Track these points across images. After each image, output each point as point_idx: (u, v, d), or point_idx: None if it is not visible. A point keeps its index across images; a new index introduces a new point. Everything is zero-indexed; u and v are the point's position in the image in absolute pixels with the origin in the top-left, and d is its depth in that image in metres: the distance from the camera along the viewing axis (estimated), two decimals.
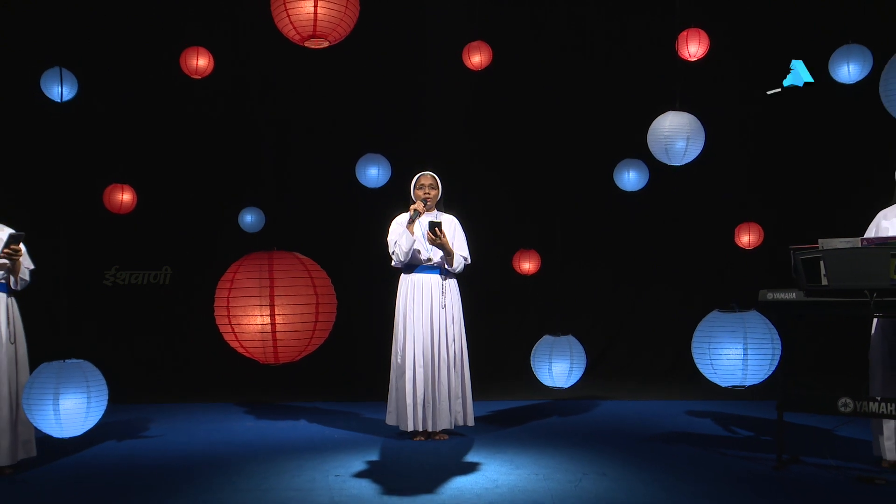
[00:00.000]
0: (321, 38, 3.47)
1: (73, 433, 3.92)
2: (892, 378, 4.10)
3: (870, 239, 3.91)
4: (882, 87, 3.99)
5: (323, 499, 3.71)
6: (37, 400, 3.83)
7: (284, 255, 3.81)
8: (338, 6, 3.46)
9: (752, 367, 3.85)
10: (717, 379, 4.06)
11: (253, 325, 3.58)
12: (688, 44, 6.30)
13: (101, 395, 3.96)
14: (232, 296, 3.63)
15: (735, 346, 3.88)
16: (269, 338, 3.53)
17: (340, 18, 3.44)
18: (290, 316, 3.60)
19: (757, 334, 3.90)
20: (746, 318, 4.00)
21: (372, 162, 6.90)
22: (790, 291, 4.09)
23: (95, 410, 3.93)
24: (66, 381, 3.83)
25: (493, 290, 7.80)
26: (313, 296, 3.68)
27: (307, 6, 3.36)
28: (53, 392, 3.80)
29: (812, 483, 3.91)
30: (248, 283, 3.66)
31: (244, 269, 3.76)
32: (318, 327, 3.64)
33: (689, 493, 3.74)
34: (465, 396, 5.05)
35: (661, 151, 4.82)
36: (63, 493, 3.91)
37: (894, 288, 3.76)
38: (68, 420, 3.84)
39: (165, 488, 3.94)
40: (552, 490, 3.82)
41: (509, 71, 7.65)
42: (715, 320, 4.10)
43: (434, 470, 4.24)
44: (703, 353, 4.00)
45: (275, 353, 3.54)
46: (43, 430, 3.94)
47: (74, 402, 3.82)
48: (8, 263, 4.19)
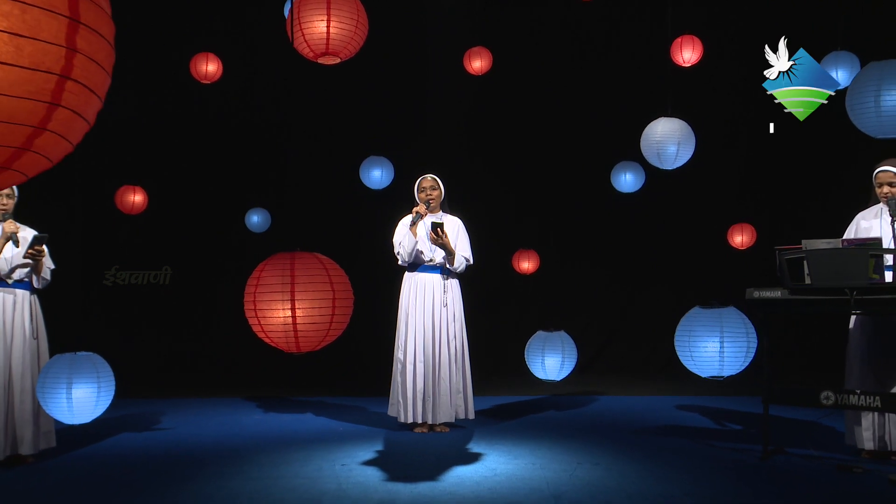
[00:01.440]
0: (333, 55, 3.70)
1: (83, 420, 4.18)
2: (868, 372, 4.30)
3: (850, 240, 4.12)
4: (848, 101, 4.22)
5: (330, 485, 3.92)
6: (51, 389, 4.09)
7: (305, 255, 4.14)
8: (349, 25, 3.70)
9: (728, 359, 4.07)
10: (697, 370, 4.28)
11: (276, 318, 3.90)
12: (682, 50, 6.52)
13: (109, 385, 4.23)
14: (258, 292, 3.95)
15: (712, 340, 4.11)
16: (290, 329, 3.84)
17: (351, 37, 3.67)
18: (309, 310, 3.93)
19: (732, 329, 4.13)
20: (723, 314, 4.22)
21: (375, 164, 7.12)
22: (775, 290, 4.30)
23: (104, 399, 4.19)
24: (77, 372, 4.10)
25: (494, 288, 8.01)
26: (330, 292, 4.00)
27: (320, 25, 3.60)
28: (66, 382, 4.07)
29: (795, 472, 4.12)
30: (272, 280, 3.98)
31: (269, 267, 4.09)
32: (334, 320, 3.98)
33: (678, 481, 3.94)
34: (466, 391, 5.27)
35: (653, 156, 5.04)
36: (83, 480, 4.13)
37: (873, 286, 3.97)
38: (79, 408, 4.11)
39: (180, 475, 4.15)
40: (548, 478, 4.02)
41: (509, 75, 7.85)
42: (695, 316, 4.33)
43: (435, 459, 4.45)
44: (684, 345, 4.22)
45: (297, 343, 3.87)
46: (55, 416, 4.19)
47: (85, 391, 4.10)
48: (31, 263, 4.41)
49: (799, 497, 3.70)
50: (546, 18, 8.19)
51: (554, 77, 8.00)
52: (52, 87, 1.47)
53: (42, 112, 1.48)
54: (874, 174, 4.39)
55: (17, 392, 4.34)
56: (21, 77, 1.42)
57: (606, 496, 3.68)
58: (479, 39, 7.15)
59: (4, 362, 4.31)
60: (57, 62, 1.45)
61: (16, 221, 4.40)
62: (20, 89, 1.43)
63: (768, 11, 7.46)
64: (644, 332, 8.14)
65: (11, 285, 4.40)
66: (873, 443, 4.29)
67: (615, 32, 8.23)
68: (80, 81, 1.52)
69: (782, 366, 7.68)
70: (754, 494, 3.73)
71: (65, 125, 1.55)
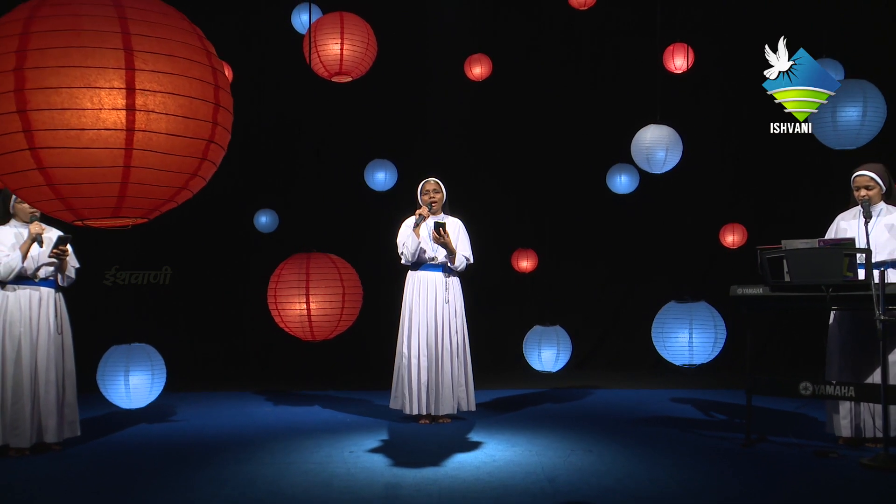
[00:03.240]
0: (346, 74, 4.00)
1: (139, 404, 4.61)
2: (846, 364, 4.57)
3: (826, 240, 4.39)
4: (810, 115, 4.51)
5: (340, 470, 4.19)
6: (110, 377, 4.46)
7: (319, 256, 4.63)
8: (360, 47, 4.03)
9: (696, 349, 4.38)
10: (670, 358, 4.58)
11: (294, 310, 4.31)
12: (674, 57, 6.78)
13: (161, 373, 4.65)
14: (278, 287, 4.38)
15: (683, 331, 4.41)
16: (306, 321, 4.21)
17: (362, 57, 4.00)
18: (322, 303, 4.38)
19: (701, 321, 4.44)
20: (693, 308, 4.51)
21: (379, 167, 7.40)
22: (757, 287, 4.57)
23: (157, 386, 4.59)
24: (134, 361, 4.51)
25: (494, 286, 8.28)
26: (340, 287, 4.45)
27: (334, 48, 3.92)
28: (124, 370, 4.46)
29: (775, 458, 4.39)
30: (290, 277, 4.42)
31: (288, 266, 4.53)
32: (344, 313, 4.50)
33: (665, 465, 4.21)
34: (468, 384, 5.54)
35: (643, 160, 5.31)
36: (106, 466, 4.40)
37: (847, 283, 4.24)
38: (136, 393, 4.53)
39: (197, 462, 4.42)
40: (543, 464, 4.29)
41: (508, 81, 8.12)
42: (669, 309, 4.63)
43: (438, 447, 4.72)
44: (659, 336, 4.52)
45: (312, 333, 4.24)
46: (114, 402, 4.56)
47: (141, 378, 4.50)
48: (56, 262, 4.69)
49: (778, 480, 3.96)
50: (544, 27, 8.46)
51: (551, 83, 8.26)
52: (203, 148, 2.21)
53: (196, 164, 2.22)
54: (852, 178, 4.67)
55: (42, 384, 4.61)
56: (186, 143, 2.15)
57: (598, 480, 3.94)
58: (480, 47, 7.41)
59: (31, 356, 4.58)
60: (206, 132, 2.19)
61: (42, 223, 4.67)
62: (184, 151, 2.16)
63: (755, 19, 7.72)
64: (638, 328, 8.38)
65: (38, 283, 4.67)
66: (850, 430, 4.56)
67: (609, 41, 8.50)
68: (217, 143, 2.28)
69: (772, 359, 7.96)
70: (737, 478, 3.99)
71: (206, 171, 2.33)
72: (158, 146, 2.03)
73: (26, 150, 1.90)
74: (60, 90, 1.85)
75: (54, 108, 1.86)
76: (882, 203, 4.62)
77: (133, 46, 1.91)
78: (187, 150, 2.11)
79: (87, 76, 1.87)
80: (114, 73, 1.89)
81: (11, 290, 4.60)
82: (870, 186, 4.59)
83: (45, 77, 1.86)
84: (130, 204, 2.08)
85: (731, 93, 8.06)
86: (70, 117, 1.86)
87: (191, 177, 2.22)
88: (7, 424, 4.49)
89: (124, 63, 1.89)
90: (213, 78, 2.15)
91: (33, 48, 1.87)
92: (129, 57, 1.90)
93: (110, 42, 1.90)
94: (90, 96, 1.87)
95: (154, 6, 2.06)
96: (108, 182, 1.98)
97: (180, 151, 2.09)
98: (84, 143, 1.89)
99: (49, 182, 1.96)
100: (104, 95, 1.89)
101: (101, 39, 1.90)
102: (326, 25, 4.05)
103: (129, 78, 1.89)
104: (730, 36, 8.01)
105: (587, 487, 3.81)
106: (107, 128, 1.89)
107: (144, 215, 2.19)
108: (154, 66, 1.95)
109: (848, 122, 4.42)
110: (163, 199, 2.20)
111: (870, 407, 4.48)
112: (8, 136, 1.91)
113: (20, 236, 4.64)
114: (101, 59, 1.88)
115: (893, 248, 4.51)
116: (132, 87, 1.90)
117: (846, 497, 3.69)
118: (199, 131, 2.11)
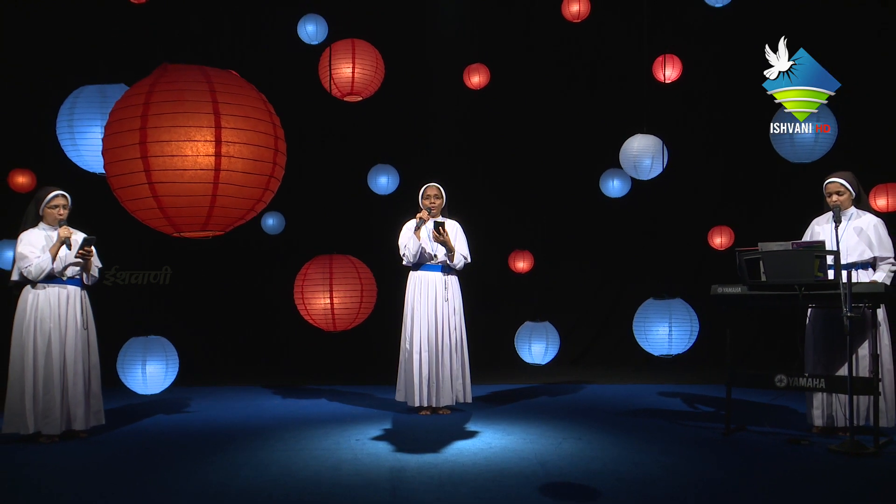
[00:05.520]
0: (357, 94, 4.38)
1: (154, 391, 5.07)
2: (819, 358, 4.91)
3: (799, 242, 4.72)
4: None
5: (347, 455, 4.51)
6: (129, 366, 4.87)
7: (341, 257, 5.22)
8: (370, 70, 4.48)
9: (675, 341, 4.73)
10: (650, 349, 4.93)
11: (318, 304, 4.78)
12: (663, 68, 7.11)
13: (174, 363, 5.12)
14: (305, 284, 4.84)
15: (663, 325, 4.76)
16: (329, 313, 4.64)
17: (372, 79, 4.43)
18: (343, 298, 4.99)
19: (679, 316, 4.79)
20: (672, 304, 4.86)
21: (382, 171, 7.73)
22: (736, 286, 4.91)
23: (171, 375, 5.02)
24: (150, 352, 4.94)
25: (491, 286, 8.59)
26: (359, 284, 5.07)
27: (346, 71, 4.34)
28: (142, 360, 4.88)
29: (752, 445, 4.72)
30: (315, 275, 4.96)
31: (313, 266, 5.12)
32: (362, 306, 5.18)
33: (650, 452, 4.54)
34: (465, 377, 5.87)
35: (630, 168, 5.65)
36: (130, 452, 4.73)
37: (818, 283, 4.57)
38: (152, 381, 4.96)
39: (213, 448, 4.74)
40: (536, 450, 4.61)
41: (506, 90, 8.45)
42: (649, 305, 5.00)
43: (438, 435, 5.05)
44: (640, 330, 4.87)
45: (334, 324, 4.66)
46: (132, 388, 5.00)
47: (157, 367, 4.92)
48: (82, 262, 5.02)
49: (754, 465, 4.29)
50: (540, 37, 8.79)
51: (547, 91, 8.60)
52: (266, 181, 3.02)
53: (260, 193, 3.02)
54: (824, 185, 5.02)
55: (71, 375, 4.95)
56: (254, 178, 2.97)
57: (586, 464, 4.27)
58: (478, 56, 7.74)
59: (60, 350, 4.92)
60: (268, 170, 3.00)
61: (69, 227, 5.01)
62: (253, 183, 2.97)
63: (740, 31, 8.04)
64: (630, 326, 8.69)
65: (65, 282, 5.01)
66: (822, 420, 4.90)
67: (602, 52, 8.82)
68: (275, 177, 3.11)
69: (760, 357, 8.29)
70: (716, 462, 4.33)
71: (267, 197, 3.13)
72: (235, 181, 2.77)
73: (145, 183, 2.70)
74: (171, 142, 2.63)
75: (166, 155, 2.65)
76: (852, 208, 4.96)
77: (220, 111, 2.69)
78: (255, 183, 2.85)
79: (188, 133, 2.65)
80: (207, 131, 2.67)
81: (41, 288, 4.94)
82: (840, 192, 4.93)
83: (159, 133, 2.65)
84: (214, 221, 2.84)
85: (719, 101, 8.40)
86: (176, 161, 2.65)
87: (256, 202, 2.95)
88: (39, 413, 4.84)
89: (214, 123, 2.67)
90: (273, 130, 2.94)
91: (152, 113, 2.66)
92: (217, 119, 2.69)
93: (204, 109, 2.68)
94: (190, 146, 2.66)
95: (234, 81, 2.85)
96: (200, 206, 2.74)
97: (250, 184, 2.82)
98: (185, 180, 2.70)
99: (159, 206, 2.77)
100: (200, 146, 2.67)
101: (198, 107, 2.68)
102: (339, 51, 4.44)
103: (217, 134, 2.68)
104: (718, 46, 8.35)
105: (576, 470, 4.14)
106: (201, 168, 2.69)
107: (222, 229, 2.91)
108: (234, 125, 2.71)
109: (803, 140, 4.80)
110: (236, 218, 2.91)
111: (840, 398, 4.81)
112: (133, 174, 2.75)
113: (49, 239, 4.98)
114: (199, 121, 2.67)
115: (863, 250, 4.85)
116: (219, 140, 2.68)
117: (815, 479, 4.00)
118: (264, 169, 2.93)
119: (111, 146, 2.87)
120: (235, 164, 2.80)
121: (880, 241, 4.85)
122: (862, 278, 4.84)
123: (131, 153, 2.71)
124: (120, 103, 2.89)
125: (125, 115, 2.80)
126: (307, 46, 7.29)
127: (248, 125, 2.83)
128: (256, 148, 2.86)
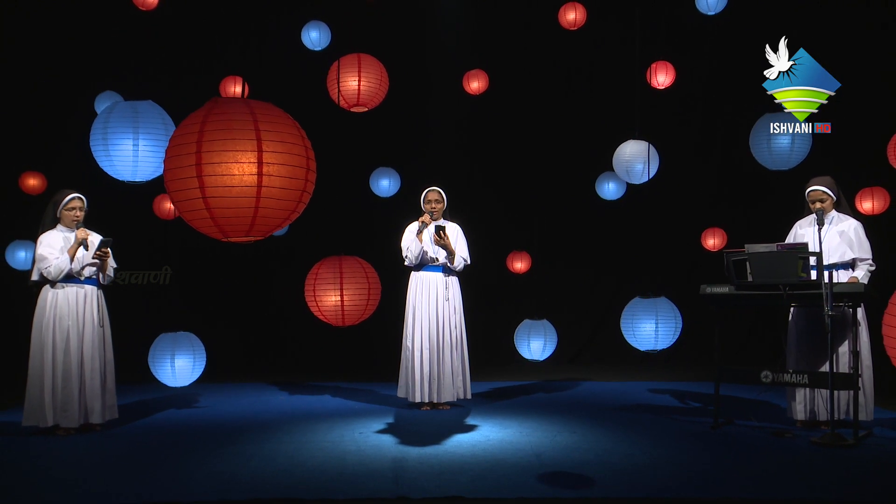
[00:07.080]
0: (363, 105, 4.62)
1: (183, 383, 5.55)
2: (802, 355, 5.14)
3: (783, 244, 4.95)
4: (750, 140, 5.13)
5: (351, 447, 4.73)
6: (159, 360, 5.18)
7: (349, 258, 5.61)
8: (375, 83, 4.74)
9: (661, 336, 4.97)
10: (637, 344, 5.16)
11: (329, 301, 5.18)
12: (656, 74, 7.34)
13: (202, 357, 5.51)
14: (317, 283, 5.11)
15: (649, 322, 4.99)
16: (339, 309, 4.93)
17: (377, 91, 4.68)
18: (352, 296, 5.46)
19: (664, 313, 5.03)
20: (658, 302, 5.09)
21: (384, 174, 7.95)
22: (724, 286, 5.13)
23: (198, 368, 5.37)
24: (179, 347, 5.27)
25: (490, 286, 8.77)
26: (366, 283, 5.55)
27: (353, 83, 4.60)
28: (171, 354, 5.20)
29: (738, 437, 4.94)
30: (326, 275, 5.31)
31: (324, 266, 5.40)
32: (369, 303, 5.54)
33: (641, 444, 4.76)
34: (465, 374, 6.09)
35: (623, 172, 5.88)
36: (144, 444, 4.95)
37: (801, 283, 4.79)
38: (181, 374, 5.32)
39: (223, 440, 4.95)
40: (532, 443, 4.84)
41: (504, 95, 8.65)
42: (636, 303, 5.24)
43: (438, 429, 5.27)
44: (628, 326, 5.10)
45: (343, 319, 4.95)
46: (162, 381, 5.40)
47: (185, 361, 5.27)
48: (98, 263, 5.25)
49: (740, 456, 4.51)
50: (537, 44, 8.99)
51: (544, 96, 8.80)
52: (299, 195, 3.57)
53: (294, 205, 3.56)
54: (806, 192, 5.25)
55: (88, 371, 5.17)
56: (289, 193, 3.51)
57: (579, 455, 4.49)
58: (477, 62, 7.95)
59: (77, 346, 5.15)
60: (301, 186, 3.55)
61: (86, 229, 5.23)
62: (288, 197, 3.51)
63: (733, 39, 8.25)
64: None
65: (83, 282, 5.24)
66: (804, 414, 5.13)
67: (597, 58, 9.02)
68: (307, 191, 3.63)
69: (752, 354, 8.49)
70: (704, 454, 4.55)
71: (300, 208, 3.67)
72: (274, 195, 3.34)
73: (199, 198, 3.25)
74: (221, 164, 3.18)
75: (217, 175, 3.19)
76: (834, 211, 5.19)
77: (262, 138, 3.25)
78: (290, 197, 3.49)
79: (236, 156, 3.21)
80: (251, 154, 3.24)
81: (60, 287, 5.16)
82: (823, 199, 5.16)
83: (212, 156, 3.21)
84: (256, 228, 3.38)
85: (711, 106, 8.61)
86: (226, 180, 3.20)
87: (291, 212, 3.50)
88: (58, 407, 5.06)
89: (256, 147, 3.23)
90: (305, 153, 3.58)
91: (206, 139, 3.22)
92: (259, 144, 3.25)
93: (248, 136, 3.25)
94: (237, 168, 3.21)
95: (274, 112, 3.50)
96: (245, 216, 3.31)
97: (286, 198, 3.47)
98: (233, 195, 3.29)
99: (211, 216, 3.34)
100: (245, 167, 3.22)
101: (243, 134, 3.25)
102: (346, 64, 4.70)
103: (259, 156, 3.24)
104: (711, 54, 8.57)
105: (569, 461, 4.36)
106: (246, 185, 3.25)
107: (263, 235, 3.44)
108: (273, 149, 3.29)
109: (780, 149, 5.04)
110: (274, 226, 3.48)
111: (822, 393, 5.03)
112: (190, 189, 3.31)
113: (67, 240, 5.21)
114: (244, 146, 3.24)
115: (844, 251, 5.08)
116: (261, 162, 3.23)
117: (798, 469, 4.23)
118: (297, 185, 3.51)
119: (172, 167, 3.36)
120: (274, 181, 3.34)
121: (860, 243, 5.08)
122: (842, 278, 5.06)
123: (188, 173, 3.28)
124: (178, 131, 3.44)
125: (183, 140, 3.34)
126: (311, 53, 7.51)
127: (284, 149, 3.37)
128: (291, 168, 3.42)
